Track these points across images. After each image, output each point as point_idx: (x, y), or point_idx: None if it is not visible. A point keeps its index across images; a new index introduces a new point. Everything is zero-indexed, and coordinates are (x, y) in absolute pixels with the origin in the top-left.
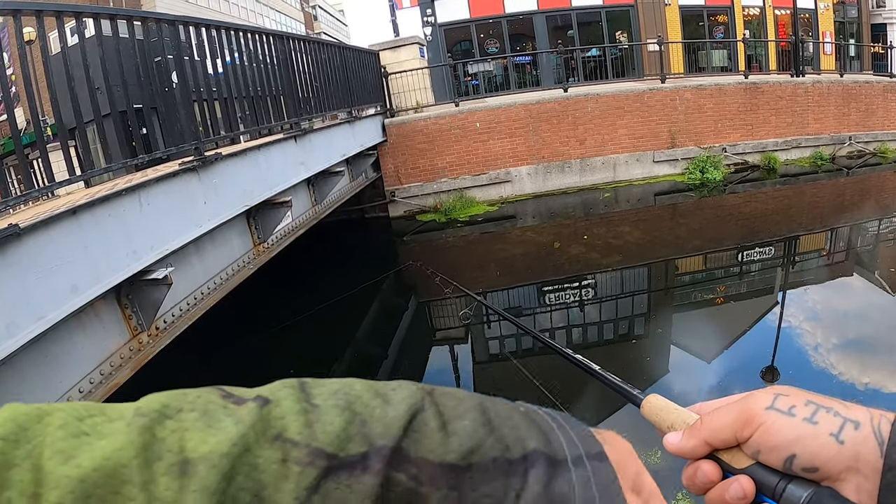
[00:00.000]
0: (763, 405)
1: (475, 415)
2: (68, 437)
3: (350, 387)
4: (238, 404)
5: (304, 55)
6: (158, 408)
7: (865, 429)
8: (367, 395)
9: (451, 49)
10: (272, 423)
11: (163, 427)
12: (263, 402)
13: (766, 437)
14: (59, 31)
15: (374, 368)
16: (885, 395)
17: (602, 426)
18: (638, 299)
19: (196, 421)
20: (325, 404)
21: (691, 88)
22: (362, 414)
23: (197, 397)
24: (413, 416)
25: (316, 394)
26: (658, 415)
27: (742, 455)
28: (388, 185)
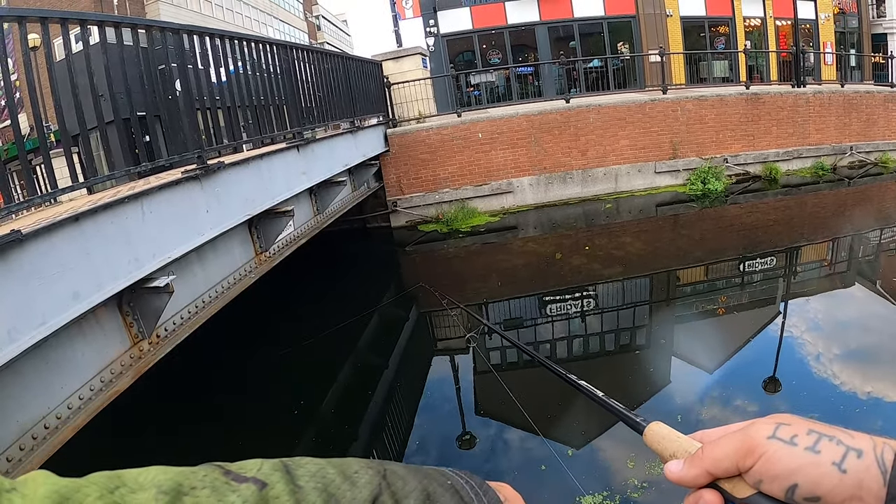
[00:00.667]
0: (765, 435)
1: (417, 494)
2: None
3: (324, 470)
4: (238, 481)
5: (307, 65)
6: (175, 486)
7: (868, 457)
8: (339, 479)
9: (454, 59)
10: (270, 501)
11: (182, 502)
12: (262, 486)
13: (768, 467)
14: (64, 38)
15: (374, 379)
16: (886, 404)
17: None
18: (639, 310)
19: (209, 497)
20: (307, 486)
21: (693, 99)
22: (336, 495)
23: (204, 475)
24: (374, 499)
25: (299, 475)
26: (660, 443)
27: (744, 484)
28: (390, 195)
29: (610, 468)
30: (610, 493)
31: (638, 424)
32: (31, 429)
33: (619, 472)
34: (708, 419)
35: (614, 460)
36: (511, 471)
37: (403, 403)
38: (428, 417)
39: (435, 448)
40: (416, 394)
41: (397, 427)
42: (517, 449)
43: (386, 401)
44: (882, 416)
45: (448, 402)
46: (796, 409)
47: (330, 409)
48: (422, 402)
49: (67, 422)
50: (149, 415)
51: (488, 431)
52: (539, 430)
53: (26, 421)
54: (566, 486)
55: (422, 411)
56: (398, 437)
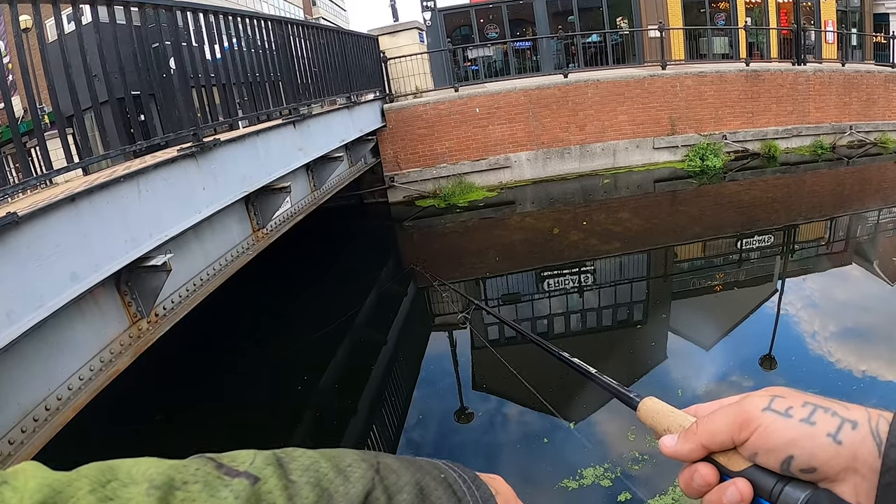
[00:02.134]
0: (759, 407)
1: (411, 488)
2: (97, 502)
3: (318, 463)
4: (231, 476)
5: (302, 40)
6: (167, 480)
7: (863, 429)
8: (332, 473)
9: (451, 34)
10: (263, 497)
11: (174, 497)
12: (254, 480)
13: (763, 439)
14: (56, 18)
15: (373, 354)
16: (882, 383)
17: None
18: (637, 286)
19: (200, 492)
20: (300, 480)
21: (692, 75)
22: (329, 489)
23: (197, 469)
24: (367, 493)
25: (292, 469)
26: (654, 418)
27: (739, 457)
28: (387, 171)
29: (610, 441)
30: (611, 465)
31: (631, 400)
32: (32, 411)
33: (620, 444)
34: (704, 395)
35: (614, 433)
36: (511, 444)
37: (402, 378)
38: (426, 392)
39: (434, 422)
40: (415, 369)
41: (396, 402)
42: (516, 423)
43: (385, 376)
44: (877, 395)
45: (446, 376)
46: (792, 386)
47: (330, 384)
48: (420, 377)
49: (68, 402)
50: (151, 394)
51: (486, 406)
52: (539, 403)
53: (27, 403)
54: (567, 459)
55: (420, 386)
56: (397, 412)
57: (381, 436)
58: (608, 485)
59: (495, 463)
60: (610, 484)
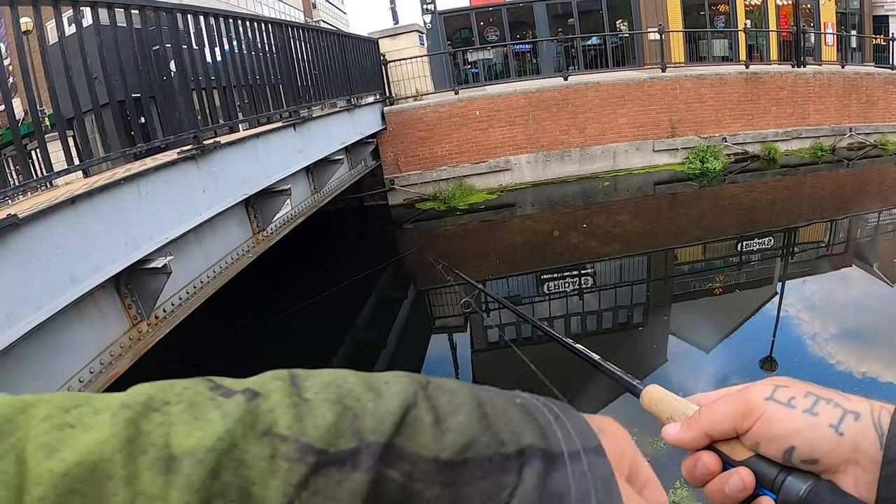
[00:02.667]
0: (762, 396)
1: (470, 409)
2: (52, 429)
3: (343, 379)
4: (226, 396)
5: (302, 43)
6: (144, 399)
7: (865, 420)
8: (360, 389)
9: (451, 37)
10: (261, 416)
11: (148, 420)
12: (252, 395)
13: (766, 429)
14: (57, 20)
15: (373, 357)
16: (882, 384)
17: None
18: (637, 288)
19: (182, 413)
20: (315, 398)
21: (692, 78)
22: (354, 408)
23: (184, 388)
24: (406, 411)
25: (307, 386)
26: (657, 406)
27: (741, 447)
28: (387, 174)
29: None
30: None
31: (635, 388)
32: None
33: None
34: None
35: None
36: None
37: None
38: None
39: None
40: (415, 371)
41: None
42: None
43: None
44: (877, 396)
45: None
46: None
47: None
48: None
49: None
50: None
51: None
52: None
53: None
54: None
55: None
56: None
57: None
58: None
59: None
60: None
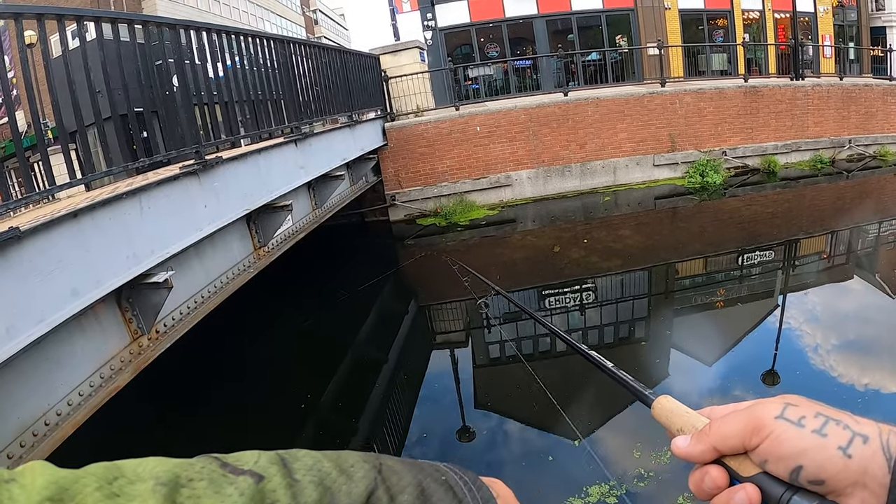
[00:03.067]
0: (773, 414)
1: (412, 490)
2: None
3: (321, 463)
4: (235, 474)
5: (304, 59)
6: (173, 477)
7: (874, 444)
8: (335, 473)
9: (452, 53)
10: (267, 495)
11: (180, 495)
12: (258, 479)
13: (774, 447)
14: (61, 34)
15: (374, 372)
16: (884, 395)
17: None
18: (638, 303)
19: (206, 489)
20: (303, 479)
21: (691, 92)
22: (332, 489)
23: (202, 467)
24: (370, 493)
25: (296, 468)
26: (668, 417)
27: (749, 463)
28: (388, 189)
29: (615, 458)
30: (616, 482)
31: (647, 398)
32: (31, 425)
33: (625, 461)
34: None
35: (619, 450)
36: (515, 462)
37: (403, 397)
38: (427, 410)
39: (435, 441)
40: (416, 387)
41: (397, 420)
42: (519, 441)
43: (386, 394)
44: (881, 409)
45: (448, 394)
46: None
47: (331, 401)
48: (421, 395)
49: (67, 418)
50: (150, 408)
51: (489, 424)
52: (542, 420)
53: (26, 418)
54: (572, 477)
55: (421, 404)
56: (398, 430)
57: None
58: (613, 502)
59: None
60: (615, 501)
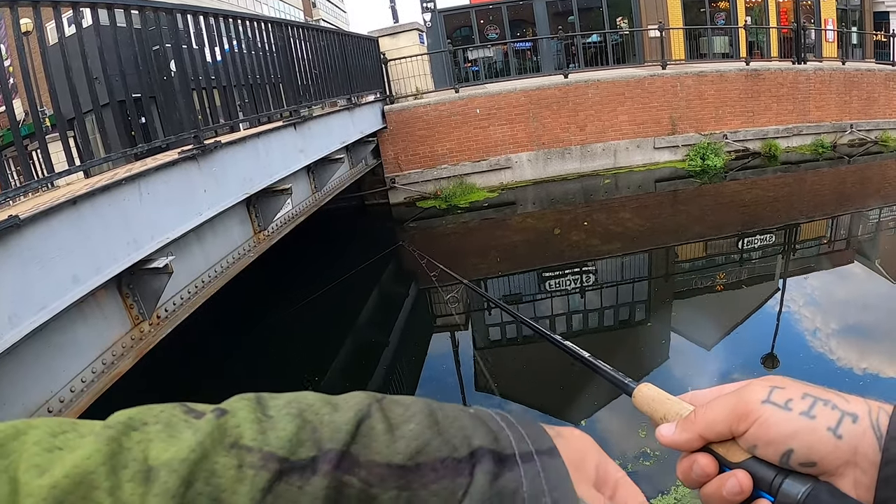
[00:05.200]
0: (759, 398)
1: (421, 418)
2: (42, 451)
3: (304, 397)
4: (198, 417)
5: (302, 42)
6: (125, 420)
7: (864, 422)
8: (319, 404)
9: (451, 35)
10: (228, 431)
11: (128, 438)
12: (220, 413)
13: (763, 432)
14: (57, 21)
15: (375, 356)
16: (883, 379)
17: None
18: (638, 286)
19: (159, 432)
20: (278, 414)
21: (692, 75)
22: (312, 421)
23: (161, 411)
24: (360, 421)
25: (271, 405)
26: (650, 405)
27: (738, 449)
28: (388, 172)
29: (620, 437)
30: (622, 461)
31: (627, 386)
32: (35, 412)
33: (630, 440)
34: None
35: (624, 429)
36: None
37: (404, 380)
38: (428, 392)
39: None
40: (417, 370)
41: None
42: None
43: (387, 377)
44: (879, 392)
45: (448, 377)
46: None
47: (331, 385)
48: (422, 378)
49: (70, 405)
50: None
51: (490, 406)
52: (545, 401)
53: (30, 405)
54: None
55: (422, 385)
56: None
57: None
58: None
59: None
60: None
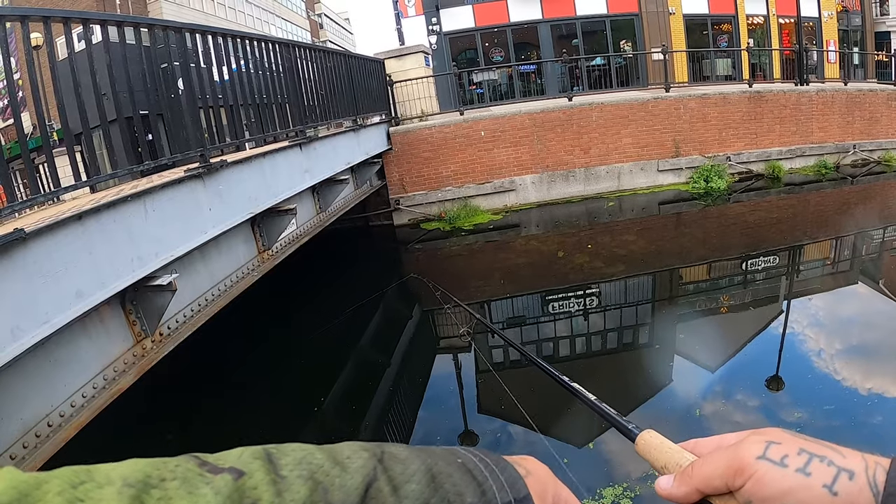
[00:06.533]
0: (755, 454)
1: (420, 476)
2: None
3: (312, 455)
4: (214, 473)
5: (309, 63)
6: (143, 477)
7: (860, 479)
8: (328, 465)
9: (456, 57)
10: (247, 493)
11: (149, 496)
12: (238, 475)
13: (758, 488)
14: (67, 37)
15: (377, 378)
16: (888, 399)
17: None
18: (642, 308)
19: (178, 489)
20: (290, 475)
21: (695, 97)
22: (324, 482)
23: (176, 466)
24: (368, 485)
25: (283, 464)
26: (651, 453)
27: (734, 503)
28: (392, 194)
29: (628, 460)
30: (629, 483)
31: (630, 432)
32: (34, 426)
33: (638, 463)
34: (710, 417)
35: (632, 452)
36: None
37: (406, 402)
38: (431, 415)
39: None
40: (419, 392)
41: (400, 424)
42: (523, 445)
43: (389, 399)
44: (883, 413)
45: (451, 399)
46: (798, 408)
47: (333, 405)
48: (424, 399)
49: (70, 419)
50: (147, 415)
51: (492, 428)
52: (548, 425)
53: (29, 419)
54: (584, 479)
55: (424, 408)
56: (401, 436)
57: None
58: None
59: None
60: (630, 503)
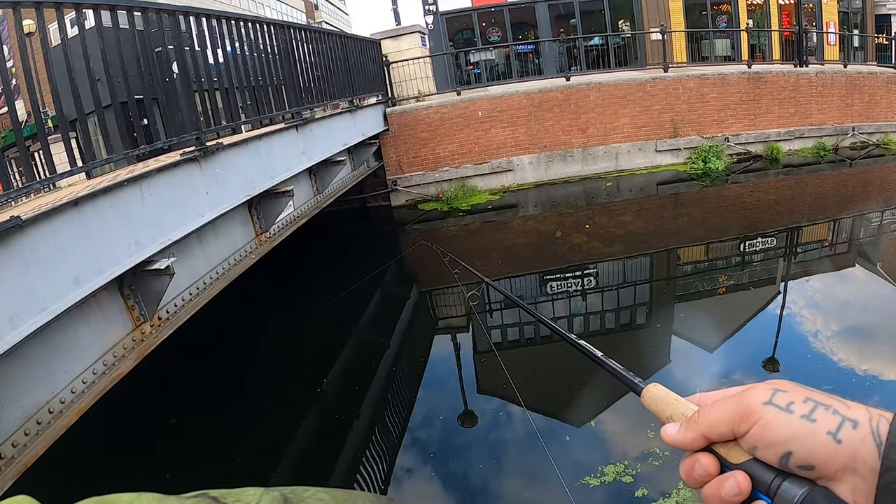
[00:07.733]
0: (761, 400)
1: None
2: None
3: (319, 501)
4: None
5: (305, 44)
6: None
7: (864, 429)
8: None
9: (453, 38)
10: None
11: None
12: None
13: (763, 433)
14: (59, 22)
15: (376, 358)
16: (885, 382)
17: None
18: (640, 289)
19: None
20: None
21: (694, 78)
22: None
23: None
24: None
25: None
26: (658, 405)
27: (739, 450)
28: (389, 174)
29: (629, 438)
30: (630, 461)
31: (636, 386)
32: (35, 414)
33: (639, 441)
34: None
35: (633, 430)
36: (520, 445)
37: (405, 382)
38: (430, 395)
39: (438, 425)
40: (418, 372)
41: (400, 405)
42: (522, 424)
43: (388, 380)
44: (880, 394)
45: (450, 379)
46: None
47: (333, 386)
48: (424, 380)
49: (71, 406)
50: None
51: (491, 408)
52: (549, 404)
53: (30, 406)
54: (586, 457)
55: (424, 388)
56: (401, 416)
57: (384, 439)
58: (629, 481)
59: (503, 464)
60: (631, 480)
